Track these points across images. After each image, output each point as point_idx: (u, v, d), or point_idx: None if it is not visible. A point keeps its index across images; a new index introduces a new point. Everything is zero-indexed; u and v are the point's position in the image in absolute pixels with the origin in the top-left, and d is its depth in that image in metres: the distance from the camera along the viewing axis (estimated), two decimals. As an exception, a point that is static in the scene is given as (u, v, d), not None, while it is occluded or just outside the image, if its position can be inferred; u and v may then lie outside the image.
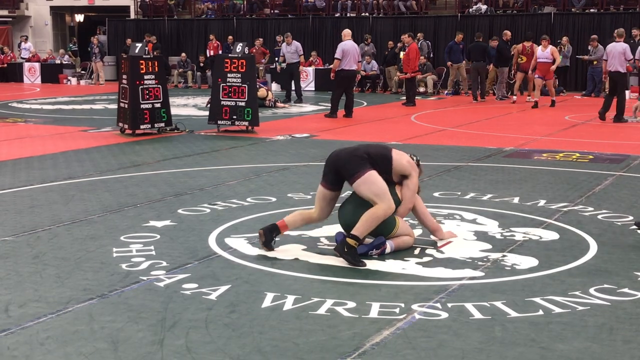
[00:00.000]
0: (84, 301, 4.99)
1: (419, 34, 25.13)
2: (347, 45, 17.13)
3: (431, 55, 25.18)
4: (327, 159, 6.41)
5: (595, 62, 22.73)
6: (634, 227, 6.79)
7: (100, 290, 5.21)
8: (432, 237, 6.53)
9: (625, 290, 5.24)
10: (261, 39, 26.77)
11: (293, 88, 21.51)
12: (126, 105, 13.61)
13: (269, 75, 26.09)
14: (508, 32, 22.54)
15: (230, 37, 27.67)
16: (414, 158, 6.44)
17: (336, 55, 17.15)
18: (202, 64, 27.23)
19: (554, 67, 19.37)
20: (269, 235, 6.20)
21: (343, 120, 16.53)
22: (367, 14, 28.73)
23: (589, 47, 22.99)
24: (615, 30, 16.97)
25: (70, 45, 32.53)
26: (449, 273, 5.63)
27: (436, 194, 8.42)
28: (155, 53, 20.57)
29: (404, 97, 20.79)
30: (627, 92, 18.07)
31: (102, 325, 4.56)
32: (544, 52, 19.38)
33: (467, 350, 4.22)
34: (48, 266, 5.78)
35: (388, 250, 6.10)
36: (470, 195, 8.43)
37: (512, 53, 21.57)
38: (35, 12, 37.22)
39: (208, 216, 7.43)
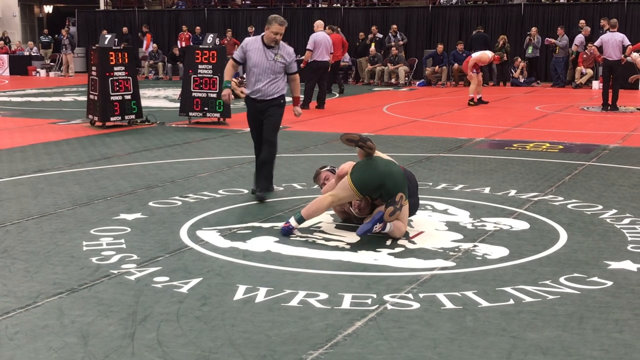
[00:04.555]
0: (54, 295, 4.94)
1: (393, 26, 25.23)
2: (319, 36, 17.12)
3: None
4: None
5: (557, 51, 23.04)
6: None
7: (70, 284, 5.16)
8: None
9: (595, 279, 5.29)
10: (230, 30, 26.60)
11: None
12: (96, 97, 13.48)
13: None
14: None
15: (197, 27, 27.50)
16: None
17: (308, 47, 17.16)
18: (177, 55, 26.85)
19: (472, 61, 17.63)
20: None
21: (316, 111, 16.52)
22: (338, 4, 28.70)
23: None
24: (610, 21, 17.14)
25: (42, 37, 32.06)
26: (420, 263, 5.65)
27: (408, 185, 8.43)
28: (123, 45, 20.33)
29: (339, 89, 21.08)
30: None
31: (72, 320, 4.52)
32: None
33: (438, 340, 4.24)
34: (17, 260, 5.71)
35: (387, 229, 6.15)
36: (441, 186, 8.47)
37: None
38: (3, 4, 36.68)
39: (179, 209, 7.39)
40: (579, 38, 22.67)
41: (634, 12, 24.08)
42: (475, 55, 17.73)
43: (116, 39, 14.20)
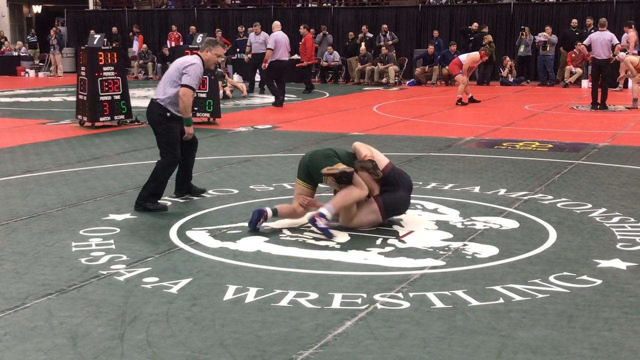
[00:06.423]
0: (43, 296, 4.92)
1: (383, 26, 25.23)
2: (279, 36, 17.40)
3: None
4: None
5: (547, 49, 23.06)
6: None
7: (59, 285, 5.14)
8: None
9: (584, 277, 5.30)
10: (219, 30, 26.55)
11: (257, 79, 21.45)
12: (85, 98, 13.44)
13: (230, 67, 25.92)
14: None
15: (192, 27, 27.47)
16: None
17: (269, 46, 17.38)
18: (167, 54, 26.75)
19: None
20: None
21: (305, 111, 16.52)
22: (328, 4, 28.70)
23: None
24: (600, 20, 17.20)
25: (29, 37, 31.94)
26: (410, 263, 5.65)
27: (398, 184, 8.43)
28: (115, 44, 20.33)
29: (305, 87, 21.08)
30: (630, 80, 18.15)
31: (61, 321, 4.50)
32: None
33: (428, 340, 4.24)
34: (6, 261, 5.69)
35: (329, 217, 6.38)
36: (431, 185, 8.47)
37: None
38: (-9, 4, 36.55)
39: (169, 209, 7.37)
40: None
41: (622, 11, 24.15)
42: (465, 59, 17.72)
43: (105, 39, 14.16)
